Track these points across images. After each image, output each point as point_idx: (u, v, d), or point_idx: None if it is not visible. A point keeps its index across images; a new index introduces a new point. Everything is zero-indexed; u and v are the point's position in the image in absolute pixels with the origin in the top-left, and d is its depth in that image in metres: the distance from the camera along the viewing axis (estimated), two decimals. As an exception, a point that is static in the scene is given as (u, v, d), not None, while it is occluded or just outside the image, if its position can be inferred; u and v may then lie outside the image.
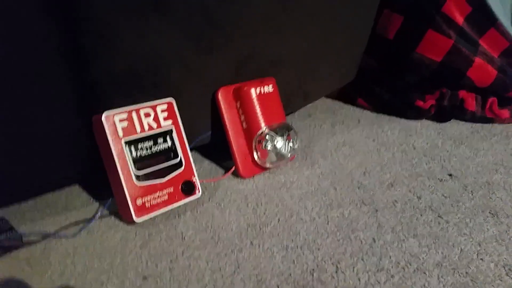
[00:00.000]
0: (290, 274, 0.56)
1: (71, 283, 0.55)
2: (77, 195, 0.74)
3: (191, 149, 0.72)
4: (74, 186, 0.76)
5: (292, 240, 0.63)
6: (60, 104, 0.62)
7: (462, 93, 1.03)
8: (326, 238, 0.63)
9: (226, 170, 0.82)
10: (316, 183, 0.78)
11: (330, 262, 0.58)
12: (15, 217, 0.67)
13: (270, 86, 0.80)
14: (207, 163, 0.85)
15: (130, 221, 0.65)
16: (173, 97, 0.70)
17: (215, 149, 0.85)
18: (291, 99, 0.93)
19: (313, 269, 0.57)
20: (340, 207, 0.70)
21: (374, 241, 0.62)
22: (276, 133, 0.78)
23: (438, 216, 0.68)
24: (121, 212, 0.66)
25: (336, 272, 0.57)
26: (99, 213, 0.67)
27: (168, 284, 0.55)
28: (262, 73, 0.83)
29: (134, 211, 0.64)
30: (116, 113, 0.63)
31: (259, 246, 0.61)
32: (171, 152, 0.69)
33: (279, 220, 0.67)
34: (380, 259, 0.59)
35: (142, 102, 0.68)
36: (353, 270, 0.57)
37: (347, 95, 1.17)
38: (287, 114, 0.90)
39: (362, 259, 0.59)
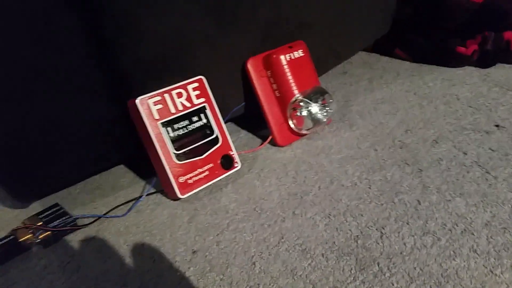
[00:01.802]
0: (334, 242, 0.57)
1: (125, 262, 0.59)
2: (123, 175, 0.77)
3: (226, 122, 0.72)
4: (119, 166, 0.79)
5: (334, 207, 0.63)
6: (96, 93, 0.63)
7: (508, 35, 0.96)
8: (369, 203, 0.63)
9: (263, 139, 0.82)
10: (356, 145, 0.76)
11: (374, 228, 0.58)
12: (67, 202, 0.71)
13: (300, 51, 0.77)
14: (243, 134, 0.85)
15: (175, 198, 0.67)
16: (203, 74, 0.70)
17: (251, 119, 0.85)
18: (323, 60, 0.90)
19: (357, 236, 0.57)
20: (382, 170, 0.69)
21: (419, 203, 0.61)
22: (311, 99, 0.76)
23: (486, 172, 0.66)
24: (166, 190, 0.69)
25: (381, 237, 0.57)
26: (146, 192, 0.70)
27: (216, 257, 0.57)
28: (290, 37, 0.80)
29: (178, 188, 0.66)
30: (150, 97, 0.64)
31: (301, 215, 0.62)
32: (206, 128, 0.69)
33: (319, 187, 0.67)
34: (426, 222, 0.58)
35: (173, 83, 0.68)
36: (398, 235, 0.57)
37: (384, 46, 1.12)
38: (320, 75, 0.88)
39: (407, 223, 0.58)
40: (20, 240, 0.61)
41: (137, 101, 0.63)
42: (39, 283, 0.56)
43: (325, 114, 0.78)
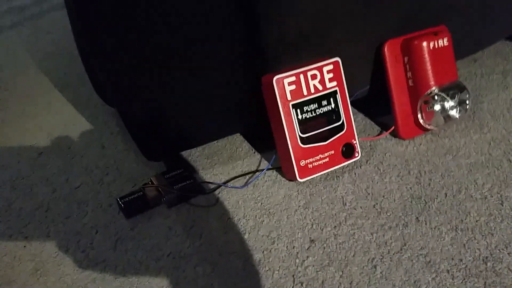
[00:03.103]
0: (461, 260, 0.54)
1: (245, 236, 0.61)
2: (239, 144, 0.78)
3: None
4: (236, 136, 0.80)
5: (462, 220, 0.60)
6: (234, 65, 0.63)
7: None
8: (500, 222, 0.59)
9: (382, 127, 0.79)
10: (487, 151, 0.71)
11: (506, 251, 0.55)
12: (187, 164, 0.74)
13: (445, 39, 0.71)
14: (360, 118, 0.82)
15: (293, 179, 0.68)
16: (337, 54, 0.67)
17: (369, 102, 0.81)
18: (460, 46, 0.81)
19: (486, 257, 0.54)
20: (516, 185, 0.64)
21: (560, 233, 0.57)
22: (447, 94, 0.71)
23: None
24: (284, 170, 0.69)
25: (514, 264, 0.53)
26: (265, 168, 0.71)
27: (335, 251, 0.57)
28: (433, 20, 0.73)
29: (298, 171, 0.66)
30: (286, 77, 0.63)
31: (425, 223, 0.60)
32: (334, 114, 0.67)
33: (446, 194, 0.64)
34: None
35: (307, 60, 0.66)
36: (535, 266, 0.53)
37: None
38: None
39: (545, 254, 0.54)
40: (148, 197, 0.66)
41: (274, 80, 0.62)
42: (165, 244, 0.61)
43: (459, 112, 0.72)
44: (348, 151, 0.69)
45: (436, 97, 0.71)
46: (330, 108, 0.67)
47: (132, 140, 0.70)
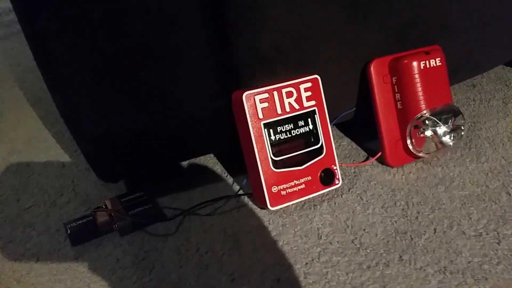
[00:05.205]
0: (450, 310, 0.46)
1: (204, 271, 0.53)
2: (210, 167, 0.71)
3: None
4: (208, 156, 0.74)
5: (452, 261, 0.52)
6: (203, 80, 0.57)
7: None
8: (496, 264, 0.51)
9: (369, 153, 0.72)
10: (484, 183, 0.63)
11: (503, 301, 0.47)
12: (149, 186, 0.67)
13: (438, 59, 0.65)
14: (346, 142, 0.75)
15: (264, 207, 0.61)
16: (318, 71, 0.61)
17: (356, 125, 0.74)
18: (457, 69, 0.75)
19: (480, 308, 0.46)
20: (516, 223, 0.56)
21: None
22: (439, 118, 0.64)
23: None
24: (255, 196, 0.62)
25: (513, 318, 0.45)
26: (234, 194, 0.64)
27: (303, 293, 0.49)
28: (425, 40, 0.67)
29: (269, 199, 0.58)
30: (257, 93, 0.57)
31: (409, 263, 0.52)
32: (311, 136, 0.61)
33: (435, 230, 0.56)
34: None
35: (285, 77, 0.60)
36: (537, 320, 0.45)
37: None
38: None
39: (550, 306, 0.46)
40: (98, 223, 0.58)
41: (244, 96, 0.56)
42: (109, 277, 0.53)
43: (453, 138, 0.65)
44: (327, 177, 0.62)
45: (427, 122, 0.64)
46: (308, 130, 0.60)
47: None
